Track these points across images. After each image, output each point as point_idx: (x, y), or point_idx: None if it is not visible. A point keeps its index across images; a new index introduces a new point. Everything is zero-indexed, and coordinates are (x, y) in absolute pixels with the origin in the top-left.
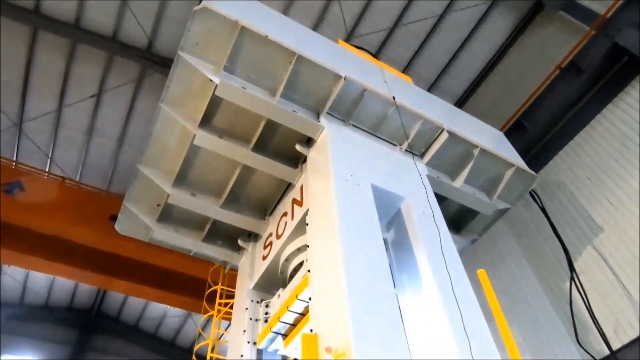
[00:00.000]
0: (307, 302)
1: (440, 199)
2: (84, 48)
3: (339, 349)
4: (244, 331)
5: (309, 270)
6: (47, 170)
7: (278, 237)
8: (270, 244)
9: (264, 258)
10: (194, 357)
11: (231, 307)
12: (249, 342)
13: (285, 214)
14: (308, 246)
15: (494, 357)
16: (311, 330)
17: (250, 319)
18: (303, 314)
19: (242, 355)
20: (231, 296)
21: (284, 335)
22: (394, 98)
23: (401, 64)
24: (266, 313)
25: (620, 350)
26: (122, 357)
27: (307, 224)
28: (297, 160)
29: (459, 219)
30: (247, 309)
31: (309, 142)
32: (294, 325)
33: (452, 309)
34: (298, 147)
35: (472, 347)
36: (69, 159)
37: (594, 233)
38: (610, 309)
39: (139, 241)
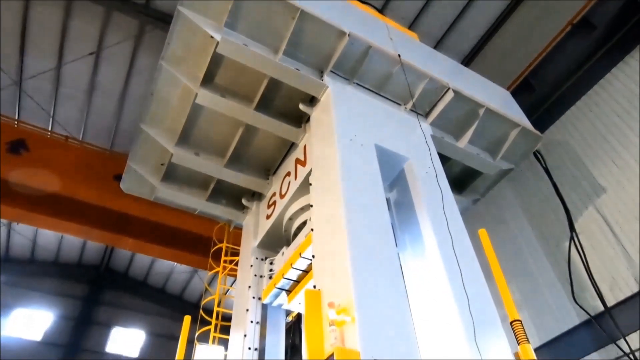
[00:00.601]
0: (311, 259)
1: (444, 159)
2: (81, 3)
3: (341, 305)
4: (249, 287)
5: (312, 229)
6: (49, 129)
7: (282, 196)
8: (274, 203)
9: (268, 217)
10: (201, 311)
11: (236, 264)
12: (254, 298)
13: (288, 174)
14: (311, 205)
15: (492, 314)
16: (314, 287)
17: (255, 275)
18: (306, 271)
19: (247, 310)
20: (236, 254)
21: (288, 291)
22: (399, 56)
23: (407, 20)
24: (270, 270)
25: (614, 307)
26: (132, 311)
27: (311, 184)
28: (300, 120)
29: (461, 179)
30: (251, 266)
31: (312, 101)
32: (297, 281)
33: (452, 267)
34: (301, 106)
35: (470, 304)
36: (71, 118)
37: (596, 194)
38: (608, 267)
39: (144, 200)
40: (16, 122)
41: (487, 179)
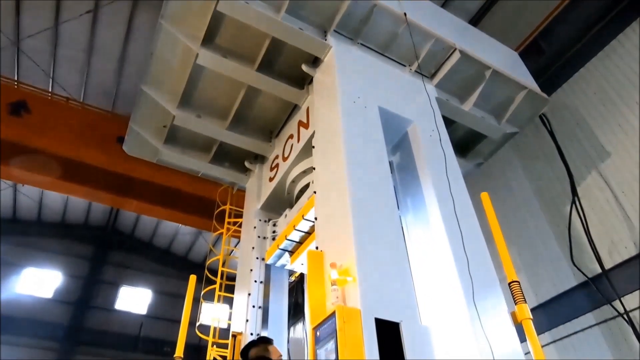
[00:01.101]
0: (313, 221)
1: (448, 123)
2: None
3: (343, 265)
4: (253, 248)
5: (315, 192)
6: (50, 90)
7: (284, 159)
8: (277, 166)
9: (271, 180)
10: (206, 271)
11: (240, 226)
12: (257, 258)
13: (291, 136)
14: (314, 168)
15: (491, 275)
16: (317, 248)
17: (259, 237)
18: (309, 233)
19: (251, 270)
20: (239, 215)
21: (291, 252)
22: (405, 15)
23: None
24: (273, 232)
25: (612, 269)
26: (139, 271)
27: (313, 147)
28: (303, 81)
29: (465, 143)
30: (255, 227)
31: (315, 62)
32: (300, 243)
33: (453, 229)
34: (304, 67)
35: (470, 266)
36: (71, 79)
37: (600, 158)
38: (607, 231)
39: (148, 162)
40: (15, 83)
41: (491, 143)
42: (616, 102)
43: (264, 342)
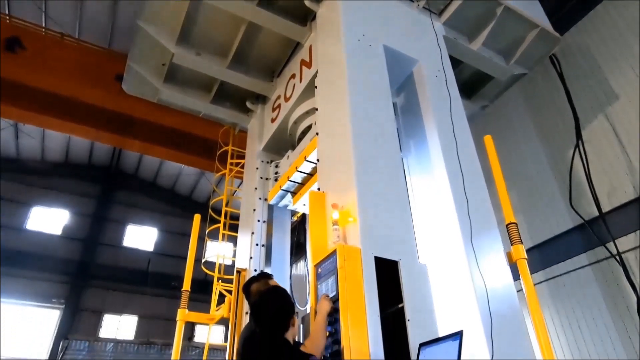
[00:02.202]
0: (315, 163)
1: (454, 63)
2: None
3: (344, 206)
4: (255, 189)
5: (317, 133)
6: (43, 25)
7: (286, 99)
8: (279, 106)
9: (273, 120)
10: (210, 211)
11: (242, 167)
12: (260, 199)
13: (293, 76)
14: (317, 109)
15: (489, 217)
16: (319, 189)
17: (261, 177)
18: (311, 174)
19: (254, 210)
20: (242, 157)
21: (293, 193)
22: None
23: None
24: (276, 173)
25: (609, 212)
26: (144, 210)
27: (316, 87)
28: (305, 18)
29: (471, 84)
30: (257, 168)
31: None
32: (302, 184)
33: (454, 171)
34: (307, 2)
35: (469, 207)
36: (65, 13)
37: (608, 102)
38: (608, 175)
39: (149, 102)
40: (7, 18)
41: (498, 84)
42: (630, 43)
43: (264, 277)
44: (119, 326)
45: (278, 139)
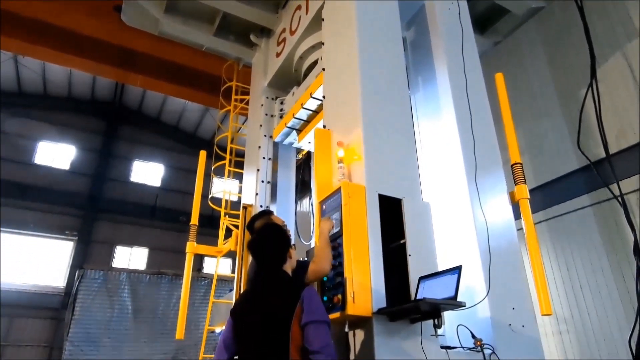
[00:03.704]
0: (321, 100)
1: None
2: None
3: (350, 144)
4: (260, 126)
5: (323, 69)
6: None
7: (292, 33)
8: (284, 40)
9: (278, 55)
10: (215, 147)
11: (247, 103)
12: (265, 136)
13: (299, 8)
14: (323, 43)
15: (495, 157)
16: (324, 126)
17: (266, 114)
18: (317, 112)
19: (259, 147)
20: (246, 93)
21: (298, 130)
22: None
23: None
24: (281, 110)
25: (616, 154)
26: (150, 146)
27: (323, 19)
28: None
29: (485, 19)
30: (262, 105)
31: None
32: (307, 121)
33: (463, 110)
34: None
35: (475, 147)
36: None
37: (628, 38)
38: (620, 116)
39: (150, 35)
40: None
41: (513, 19)
42: None
43: (266, 214)
44: (130, 258)
45: (283, 74)
